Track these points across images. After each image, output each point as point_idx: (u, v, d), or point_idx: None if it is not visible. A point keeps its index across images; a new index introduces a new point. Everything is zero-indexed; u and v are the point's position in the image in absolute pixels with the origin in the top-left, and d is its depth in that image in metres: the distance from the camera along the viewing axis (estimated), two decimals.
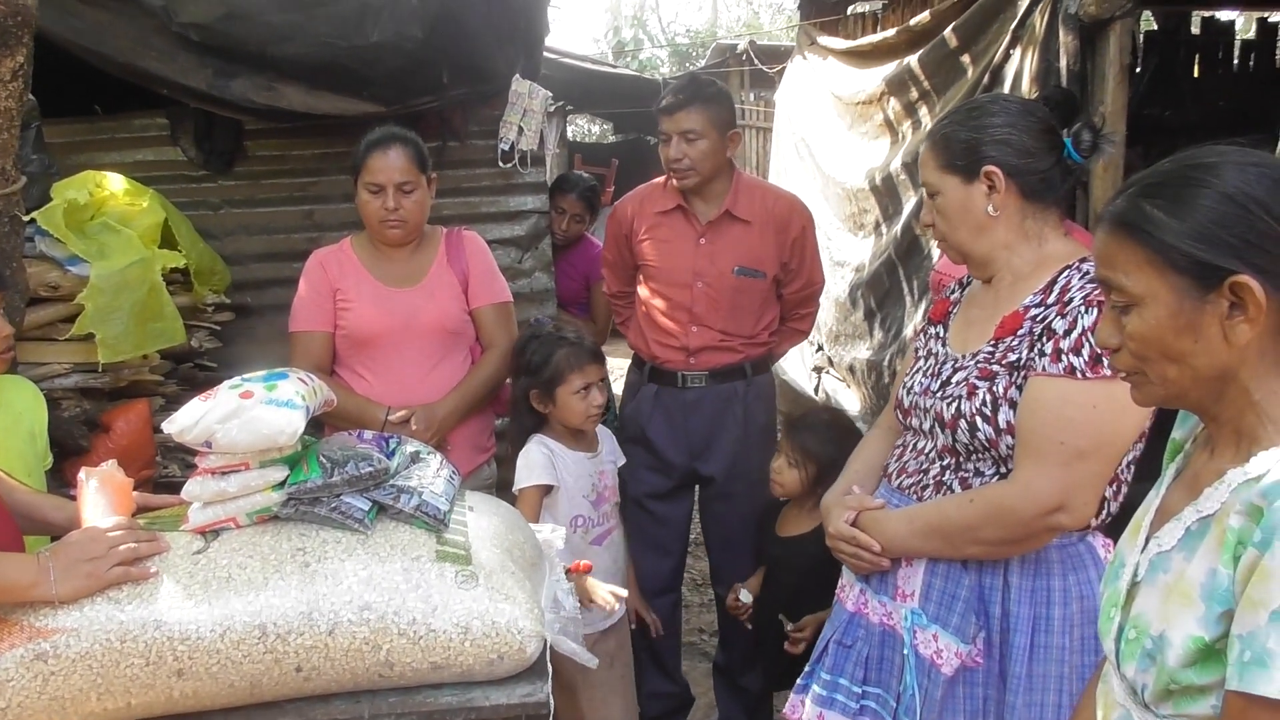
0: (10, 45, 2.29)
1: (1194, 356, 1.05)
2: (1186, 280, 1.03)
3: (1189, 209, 1.03)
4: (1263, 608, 0.92)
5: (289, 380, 1.64)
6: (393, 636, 1.49)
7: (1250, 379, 1.04)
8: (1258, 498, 0.97)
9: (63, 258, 2.67)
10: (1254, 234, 1.00)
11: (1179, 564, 1.06)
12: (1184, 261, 1.03)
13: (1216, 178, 1.03)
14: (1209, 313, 1.03)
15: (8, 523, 1.61)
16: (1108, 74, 2.68)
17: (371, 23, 3.36)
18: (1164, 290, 1.04)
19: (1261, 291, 0.99)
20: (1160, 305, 1.05)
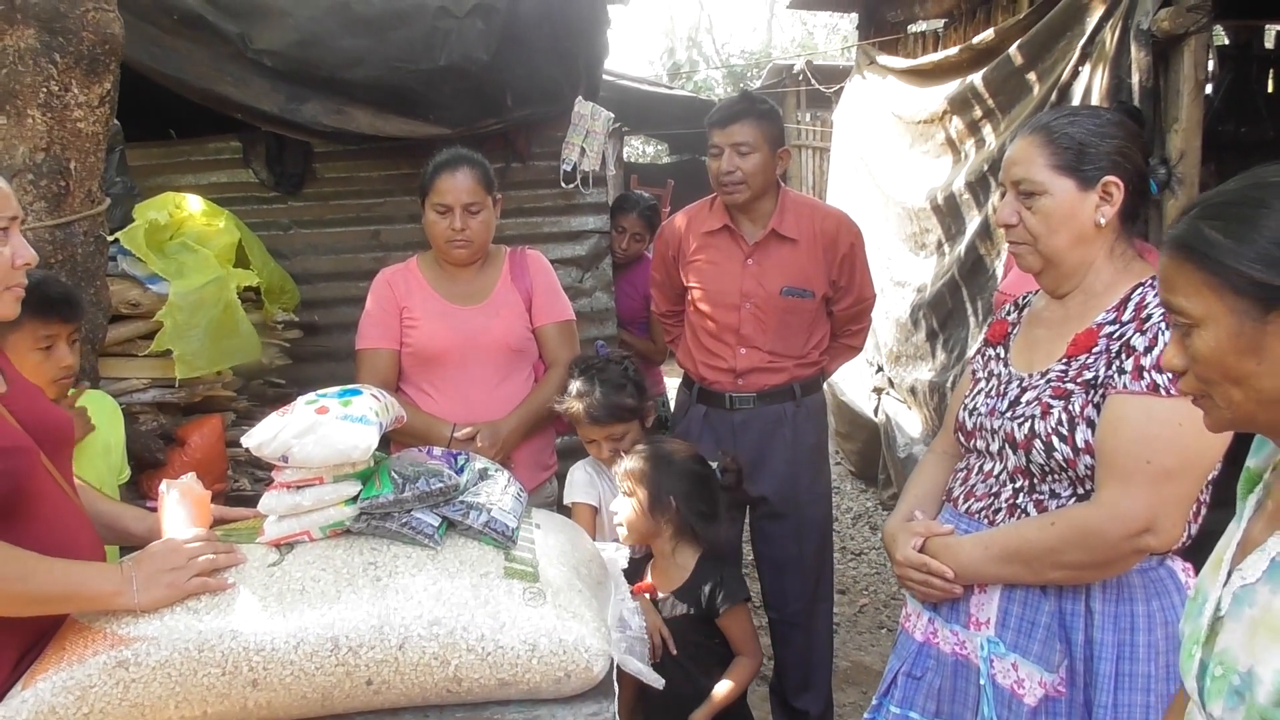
0: (99, 73, 2.39)
1: (1258, 379, 1.04)
2: (1246, 302, 1.03)
3: (1247, 230, 1.02)
4: None
5: (363, 396, 1.67)
6: (461, 652, 1.50)
7: None
8: None
9: (143, 276, 2.76)
10: None
11: (1265, 597, 1.03)
12: (1242, 283, 1.02)
13: (1277, 197, 1.02)
14: (1271, 334, 1.02)
15: (91, 533, 1.66)
16: (1182, 90, 2.62)
17: (439, 47, 3.44)
18: (1224, 312, 1.04)
19: None
20: (1221, 327, 1.04)
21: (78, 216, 2.41)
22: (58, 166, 2.37)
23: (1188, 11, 2.56)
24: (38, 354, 2.10)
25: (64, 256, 2.41)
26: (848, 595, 4.23)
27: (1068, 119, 1.66)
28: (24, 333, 2.04)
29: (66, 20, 2.32)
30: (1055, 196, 1.63)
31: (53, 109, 2.35)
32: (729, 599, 2.28)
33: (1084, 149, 1.62)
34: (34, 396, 1.67)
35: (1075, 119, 1.65)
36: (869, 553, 4.71)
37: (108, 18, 2.40)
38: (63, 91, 2.35)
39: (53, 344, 2.13)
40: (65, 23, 2.32)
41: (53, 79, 2.33)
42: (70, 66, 2.34)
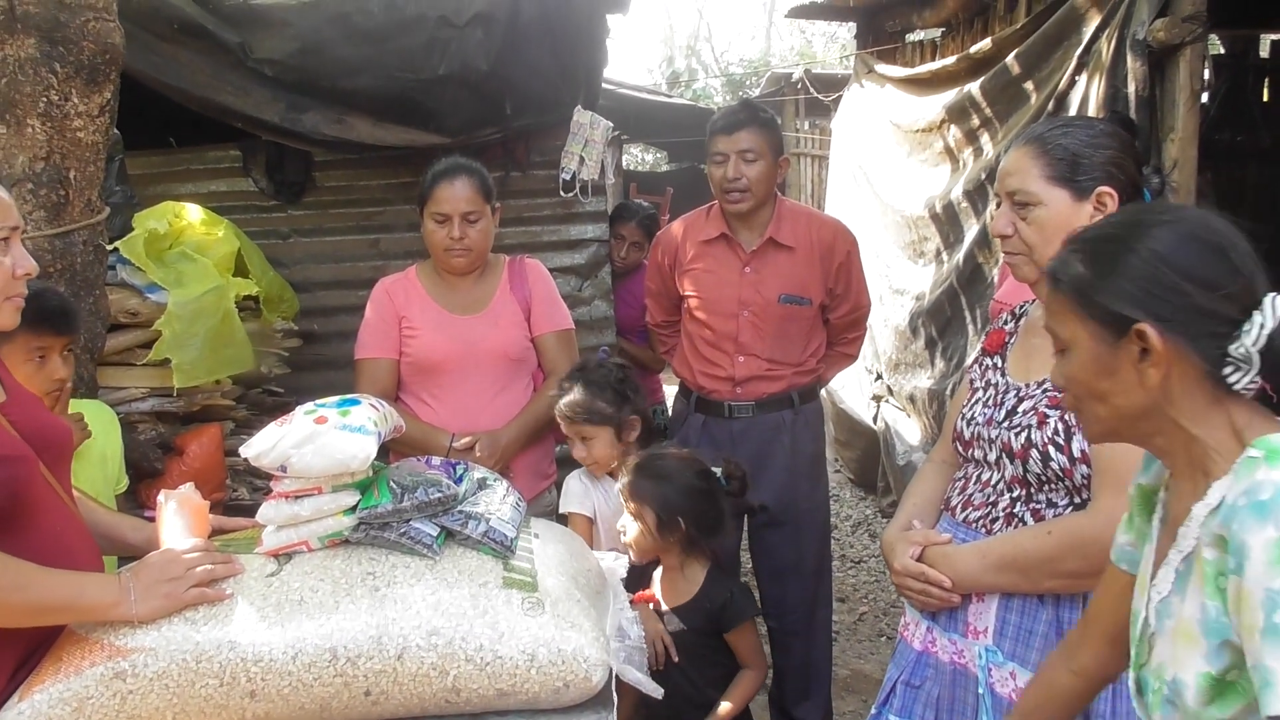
0: (99, 82, 2.40)
1: (1115, 396, 1.15)
2: (1101, 327, 1.14)
3: (1104, 264, 1.14)
4: (1255, 631, 0.97)
5: (362, 406, 1.67)
6: (460, 662, 1.50)
7: (1182, 415, 1.12)
8: (1219, 527, 1.04)
9: (142, 285, 2.76)
10: (1156, 286, 1.10)
11: (1177, 606, 1.11)
12: (1097, 311, 1.14)
13: (1136, 236, 1.13)
14: (1122, 357, 1.12)
15: (89, 543, 1.66)
16: (1178, 99, 2.63)
17: (439, 56, 3.45)
18: (1085, 336, 1.16)
19: (1159, 338, 1.09)
20: (1084, 350, 1.16)
21: (77, 226, 2.42)
22: (57, 176, 2.38)
23: (1183, 22, 2.58)
24: (30, 366, 2.08)
25: (63, 266, 2.41)
26: (847, 603, 4.23)
27: (1061, 130, 1.66)
28: (16, 344, 2.02)
29: (67, 30, 2.33)
30: (1050, 207, 1.63)
31: (52, 118, 2.35)
32: (739, 616, 2.28)
33: (1078, 160, 1.62)
34: (33, 406, 1.67)
35: (1069, 130, 1.66)
36: (868, 560, 4.71)
37: (108, 27, 2.41)
38: (63, 101, 2.36)
39: (45, 356, 2.11)
40: (65, 32, 2.33)
41: (53, 88, 2.34)
42: (70, 76, 2.35)
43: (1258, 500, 1.00)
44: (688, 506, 2.24)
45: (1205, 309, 1.08)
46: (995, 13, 4.23)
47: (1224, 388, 1.09)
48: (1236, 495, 1.03)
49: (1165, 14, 2.63)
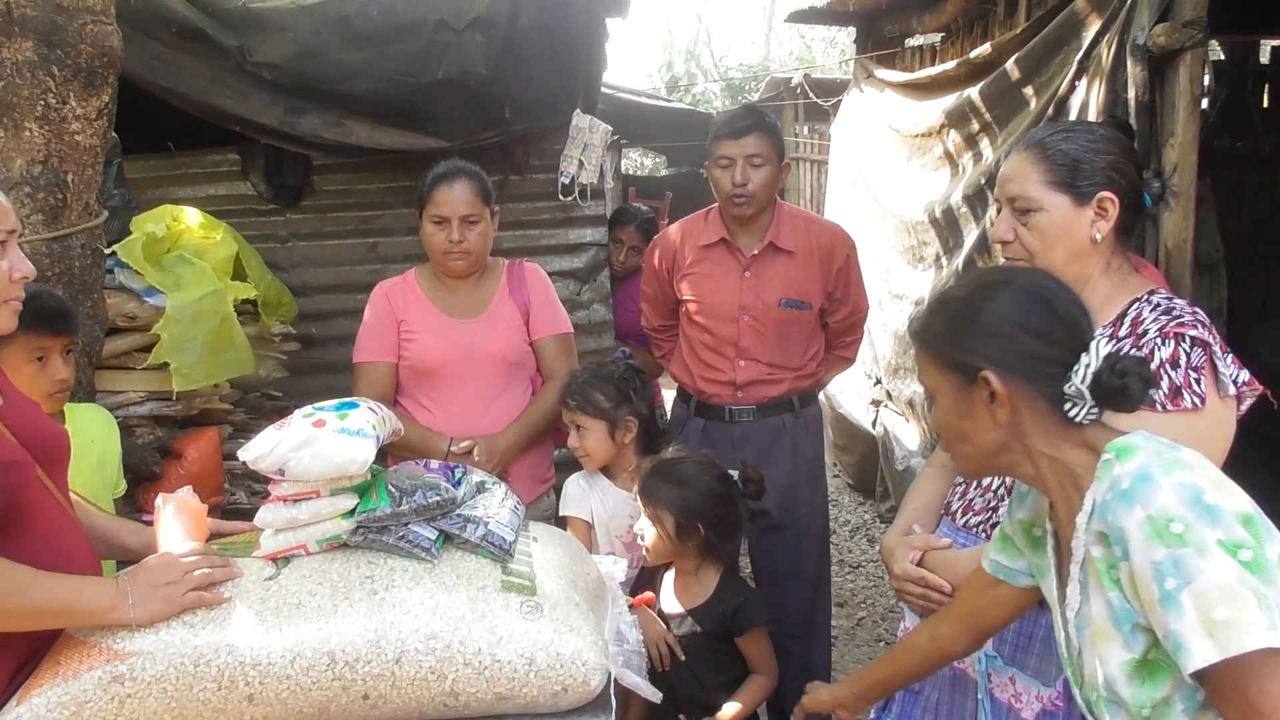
0: (97, 85, 2.40)
1: (975, 435, 1.32)
2: (956, 376, 1.31)
3: (955, 322, 1.32)
4: (1154, 604, 1.09)
5: (360, 409, 1.67)
6: (458, 666, 1.49)
7: (1043, 445, 1.28)
8: (1097, 525, 1.18)
9: (140, 289, 2.76)
10: (995, 337, 1.27)
11: (1087, 613, 1.23)
12: (950, 362, 1.32)
13: (980, 296, 1.31)
14: (976, 401, 1.29)
15: (87, 548, 1.65)
16: (1178, 105, 2.62)
17: (438, 60, 3.44)
18: (945, 385, 1.33)
19: (999, 381, 1.26)
20: (945, 397, 1.33)
21: (75, 229, 2.41)
22: (55, 179, 2.37)
23: (1183, 27, 2.57)
24: (31, 367, 2.09)
25: (61, 269, 2.40)
26: (846, 608, 4.22)
27: (1062, 135, 1.66)
28: (16, 346, 2.03)
29: (64, 33, 2.32)
30: (1051, 213, 1.63)
31: (50, 121, 2.34)
32: (751, 620, 2.28)
33: (1078, 165, 1.62)
34: (30, 411, 1.66)
35: (1069, 135, 1.66)
36: (867, 565, 4.70)
37: (106, 30, 2.40)
38: (60, 104, 2.35)
39: (45, 357, 2.12)
40: (63, 35, 2.32)
41: (50, 91, 2.33)
42: (68, 79, 2.34)
43: (1121, 490, 1.15)
44: (706, 511, 2.24)
45: (1037, 354, 1.26)
46: (995, 18, 4.23)
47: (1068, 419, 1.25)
48: (1103, 493, 1.18)
49: (1165, 19, 2.62)
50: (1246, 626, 1.03)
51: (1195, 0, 2.59)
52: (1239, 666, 1.04)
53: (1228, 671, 1.05)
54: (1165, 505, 1.11)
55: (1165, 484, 1.12)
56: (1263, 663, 1.03)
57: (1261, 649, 1.02)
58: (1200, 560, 1.07)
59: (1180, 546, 1.08)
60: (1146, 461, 1.16)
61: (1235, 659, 1.03)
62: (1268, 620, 1.03)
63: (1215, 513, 1.10)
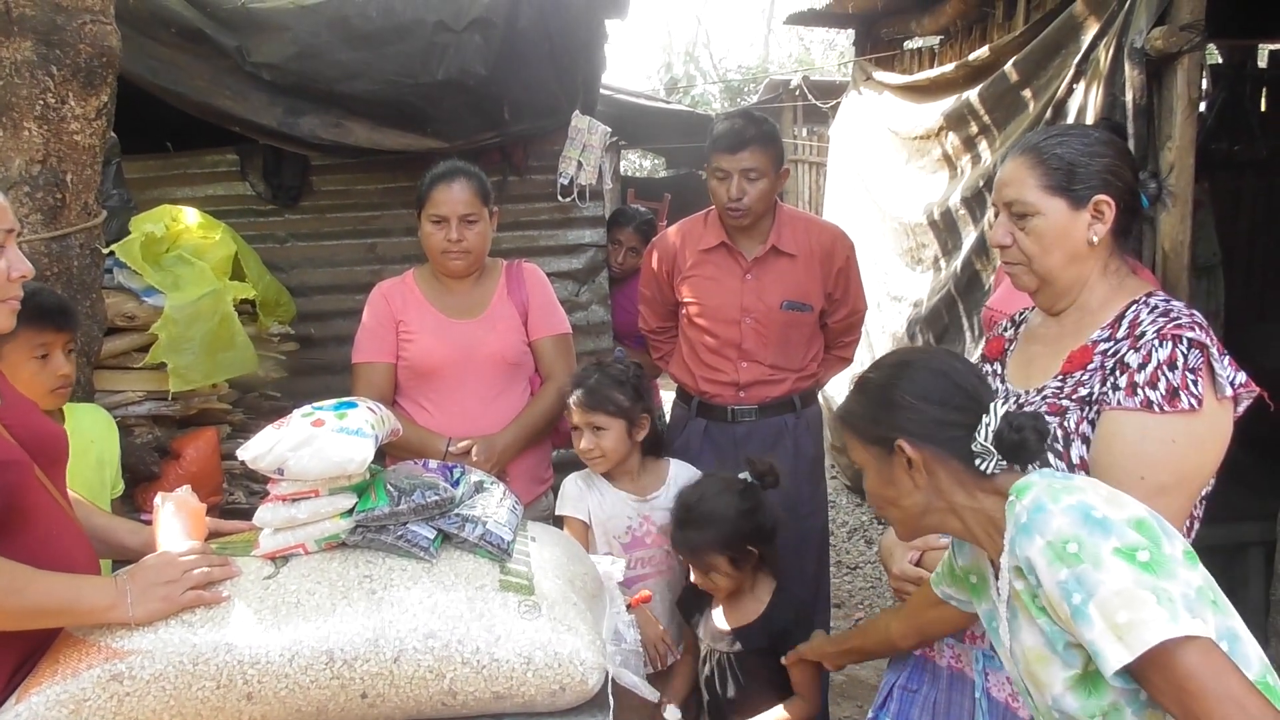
0: (95, 85, 2.40)
1: (901, 499, 1.43)
2: (876, 448, 1.43)
3: (869, 400, 1.46)
4: (1070, 620, 1.17)
5: (359, 409, 1.67)
6: (456, 665, 1.50)
7: (959, 499, 1.38)
8: (1011, 560, 1.29)
9: (139, 289, 2.76)
10: (903, 410, 1.40)
11: (1018, 649, 1.32)
12: (868, 437, 1.45)
13: (890, 375, 1.45)
14: (896, 467, 1.41)
15: (86, 547, 1.65)
16: (1176, 108, 2.63)
17: (437, 61, 3.45)
18: (869, 458, 1.45)
19: (912, 448, 1.38)
20: (871, 469, 1.46)
21: (74, 229, 2.41)
22: (54, 179, 2.37)
23: (1181, 31, 2.58)
24: (34, 363, 2.11)
25: (60, 269, 2.40)
26: (843, 609, 4.22)
27: (1057, 139, 1.66)
28: (19, 342, 2.04)
29: (64, 32, 2.33)
30: (1048, 217, 1.64)
31: (49, 121, 2.35)
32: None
33: (1074, 169, 1.63)
34: (28, 411, 1.67)
35: (1064, 139, 1.66)
36: (864, 566, 4.70)
37: (105, 30, 2.40)
38: (59, 104, 2.35)
39: (48, 353, 2.13)
40: (62, 35, 2.33)
41: (49, 91, 2.33)
42: (67, 79, 2.35)
43: (1021, 524, 1.25)
44: (748, 531, 2.22)
45: (942, 419, 1.38)
46: (994, 20, 4.24)
47: (979, 472, 1.36)
48: (1011, 531, 1.28)
49: (1163, 22, 2.63)
50: (1147, 624, 1.11)
51: (1193, 4, 2.60)
52: (1156, 658, 1.12)
53: (1150, 666, 1.12)
54: (1059, 529, 1.21)
55: (1056, 510, 1.22)
56: (1176, 650, 1.11)
57: (1168, 639, 1.11)
58: (1098, 573, 1.16)
59: (1078, 564, 1.17)
60: (1039, 494, 1.26)
61: (1149, 653, 1.11)
62: (1168, 613, 1.12)
63: (1106, 524, 1.19)
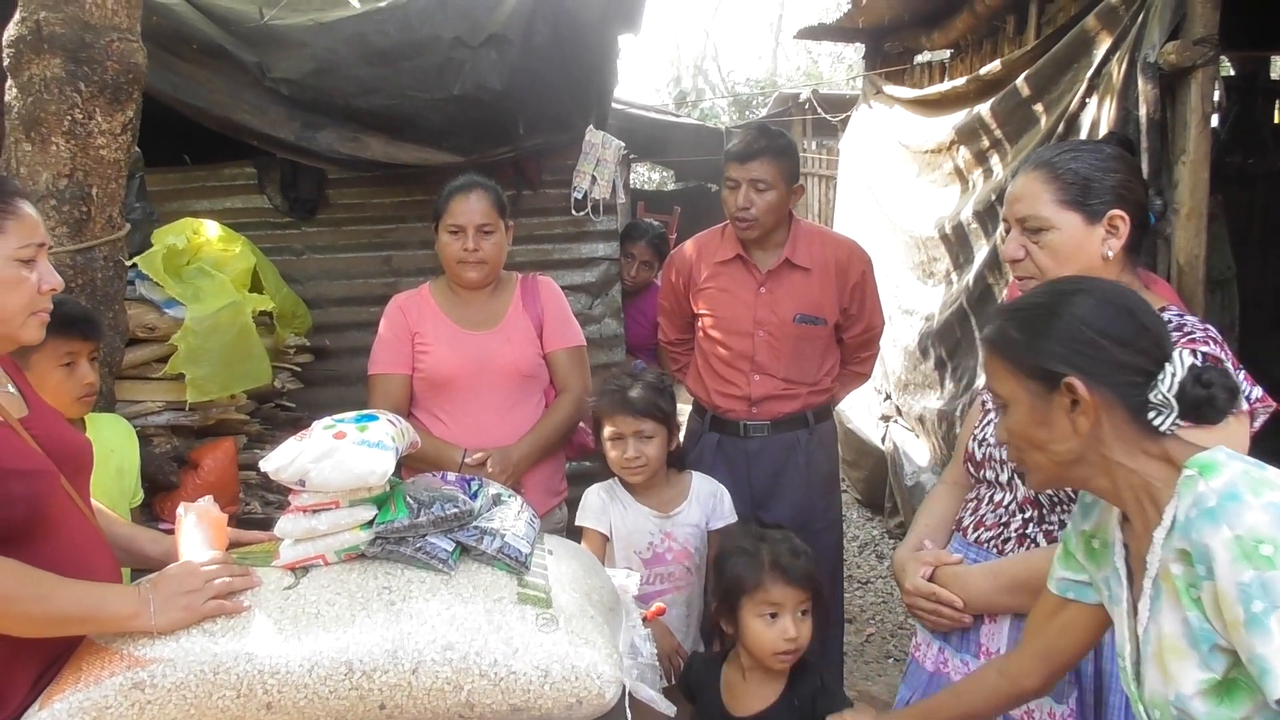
0: (122, 101, 2.44)
1: (1052, 444, 1.29)
2: (1035, 384, 1.29)
3: (1034, 329, 1.30)
4: (1239, 626, 1.07)
5: (380, 422, 1.68)
6: (474, 677, 1.50)
7: (1121, 455, 1.26)
8: (1179, 542, 1.16)
9: (160, 300, 2.79)
10: (1079, 344, 1.26)
11: (1154, 631, 1.21)
12: (1030, 369, 1.29)
13: (1059, 303, 1.30)
14: (1056, 408, 1.27)
15: (108, 556, 1.67)
16: (1190, 122, 2.64)
17: (453, 76, 3.48)
18: (1022, 393, 1.30)
19: (1085, 389, 1.24)
20: (1021, 405, 1.31)
21: (98, 242, 2.45)
22: (80, 193, 2.41)
23: (1194, 45, 2.58)
24: (60, 372, 2.14)
25: (84, 281, 2.44)
26: (854, 624, 4.21)
27: (1070, 154, 1.67)
28: (45, 352, 2.07)
29: (92, 50, 2.37)
30: (1063, 231, 1.64)
31: (76, 136, 2.39)
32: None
33: (1089, 184, 1.64)
34: (54, 420, 1.69)
35: (1077, 154, 1.67)
36: (876, 581, 4.69)
37: (131, 47, 2.44)
38: (86, 119, 2.39)
39: (74, 361, 2.17)
40: (90, 52, 2.37)
41: (77, 107, 2.38)
42: (94, 95, 2.39)
43: (1206, 508, 1.13)
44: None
45: (1122, 362, 1.24)
46: (1004, 34, 4.25)
47: (1151, 428, 1.24)
48: (1186, 510, 1.15)
49: (1176, 36, 2.64)
50: None
51: (1206, 18, 2.60)
52: None
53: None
54: (1254, 526, 1.09)
55: (1254, 504, 1.10)
56: None
57: None
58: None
59: (1269, 569, 1.06)
60: (1234, 479, 1.13)
61: None
62: None
63: None
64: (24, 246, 1.52)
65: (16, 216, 1.52)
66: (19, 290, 1.52)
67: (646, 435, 2.41)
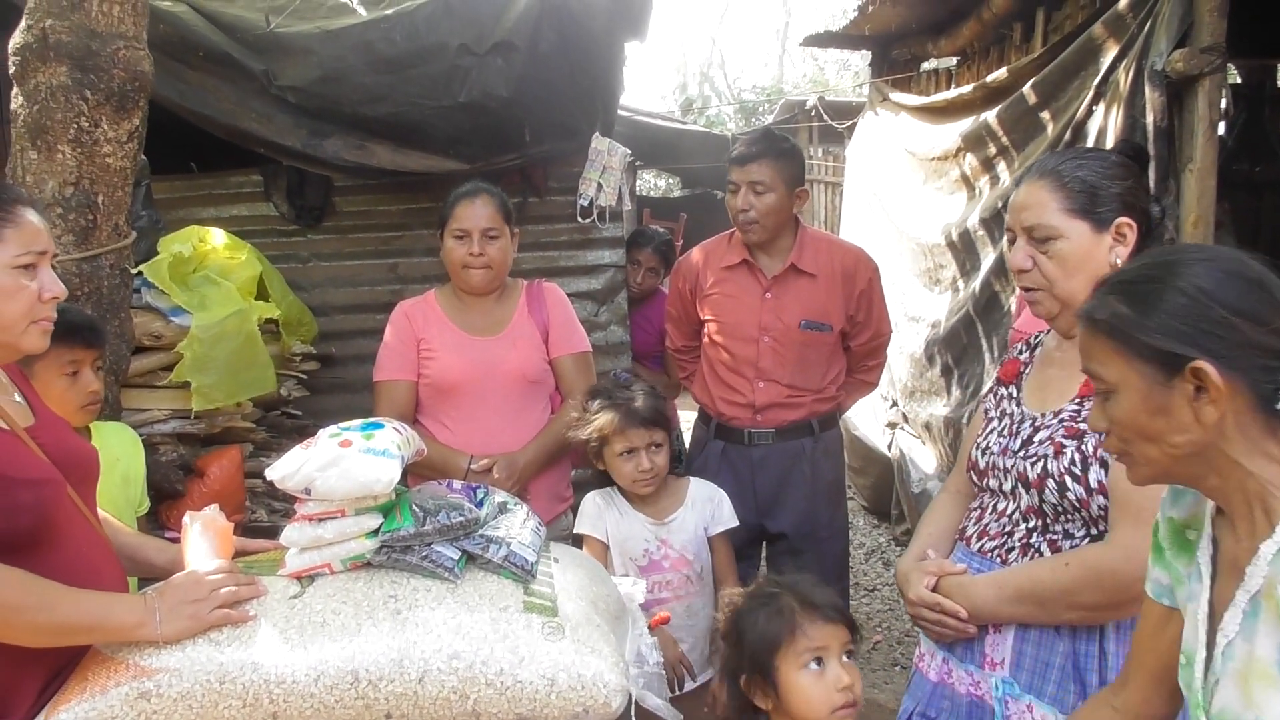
0: (128, 109, 2.44)
1: (1169, 435, 1.12)
2: (1152, 367, 1.12)
3: (1149, 304, 1.12)
4: None
5: (385, 430, 1.68)
6: (480, 686, 1.50)
7: (1239, 453, 1.10)
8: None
9: (166, 308, 2.79)
10: (1207, 323, 1.09)
11: (1242, 648, 1.07)
12: (1147, 351, 1.12)
13: (1175, 275, 1.12)
14: (1177, 396, 1.10)
15: (115, 565, 1.67)
16: (1197, 130, 2.64)
17: (459, 84, 3.49)
18: (1134, 377, 1.13)
19: (1218, 374, 1.07)
20: (1133, 391, 1.14)
21: (104, 250, 2.45)
22: (86, 201, 2.41)
23: (1202, 53, 2.58)
24: (63, 380, 2.14)
25: (90, 289, 2.44)
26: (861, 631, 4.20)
27: (1076, 162, 1.66)
28: (49, 360, 2.07)
29: (98, 58, 2.37)
30: (1071, 240, 1.63)
31: (82, 144, 2.39)
32: None
33: (1096, 192, 1.63)
34: (60, 429, 1.69)
35: (1083, 162, 1.66)
36: (882, 589, 4.68)
37: (138, 55, 2.45)
38: (93, 127, 2.39)
39: (78, 370, 2.17)
40: (97, 60, 2.37)
41: (83, 115, 2.38)
42: (101, 103, 2.39)
43: None
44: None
45: (1256, 343, 1.07)
46: (1011, 42, 4.25)
47: (1275, 421, 1.09)
48: None
49: (1184, 44, 2.64)
50: None
51: (1213, 26, 2.60)
52: None
53: None
54: None
55: None
56: None
57: None
58: None
59: None
60: None
61: None
62: None
63: None
64: (24, 254, 1.52)
65: (16, 224, 1.52)
66: (18, 298, 1.52)
67: (657, 444, 2.41)
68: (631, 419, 2.39)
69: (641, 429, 2.39)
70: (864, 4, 5.15)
